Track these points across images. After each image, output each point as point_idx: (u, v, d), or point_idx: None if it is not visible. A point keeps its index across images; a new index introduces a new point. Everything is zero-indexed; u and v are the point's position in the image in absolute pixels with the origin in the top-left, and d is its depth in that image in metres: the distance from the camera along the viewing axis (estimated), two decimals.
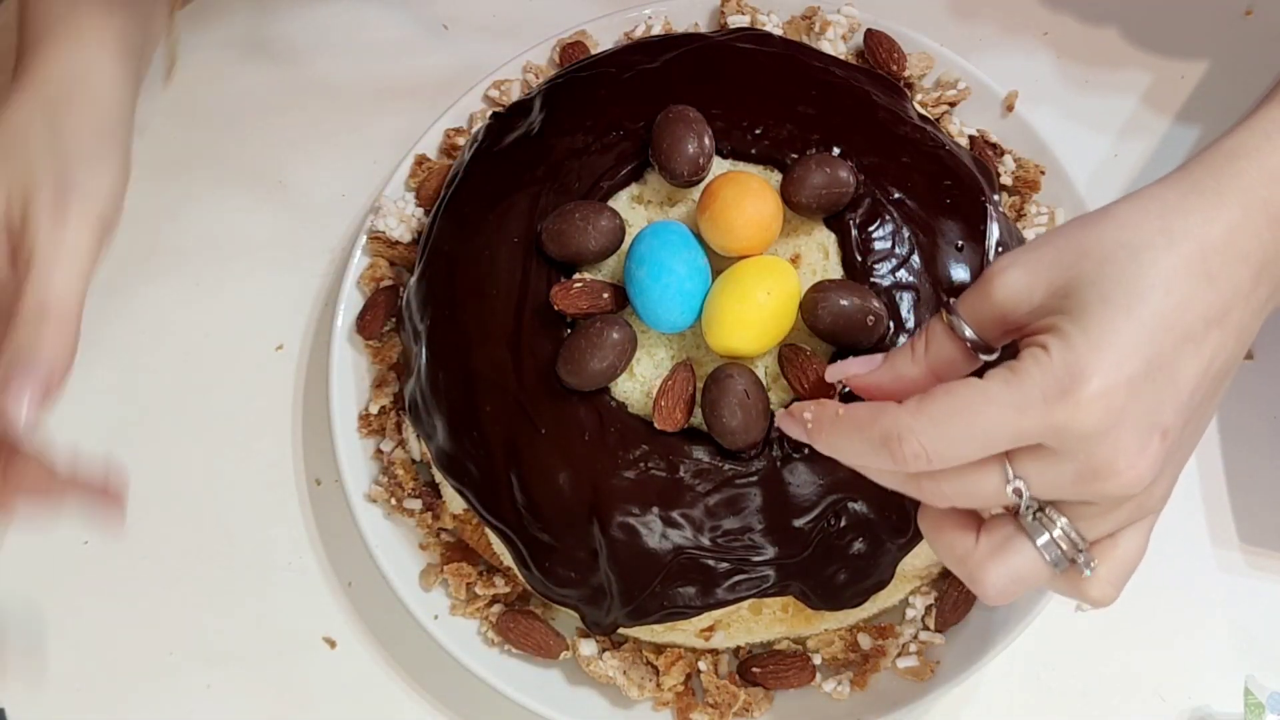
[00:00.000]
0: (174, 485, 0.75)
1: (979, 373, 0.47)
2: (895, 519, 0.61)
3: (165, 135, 0.81)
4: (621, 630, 0.64)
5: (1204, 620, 0.69)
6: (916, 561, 0.65)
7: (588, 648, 0.66)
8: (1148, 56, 0.79)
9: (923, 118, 0.69)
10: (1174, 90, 0.78)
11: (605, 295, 0.61)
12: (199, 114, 0.82)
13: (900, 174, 0.64)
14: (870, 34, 0.74)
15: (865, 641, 0.66)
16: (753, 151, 0.65)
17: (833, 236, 0.63)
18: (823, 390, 0.58)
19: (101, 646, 0.72)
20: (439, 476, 0.68)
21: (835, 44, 0.74)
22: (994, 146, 0.73)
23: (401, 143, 0.77)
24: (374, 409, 0.72)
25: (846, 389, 0.58)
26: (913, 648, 0.67)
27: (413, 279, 0.69)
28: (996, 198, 0.67)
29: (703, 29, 0.76)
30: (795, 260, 0.63)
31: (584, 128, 0.66)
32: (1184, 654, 0.68)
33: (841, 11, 0.75)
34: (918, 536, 0.62)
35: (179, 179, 0.80)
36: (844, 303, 0.59)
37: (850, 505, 0.60)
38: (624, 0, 0.78)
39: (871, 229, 0.62)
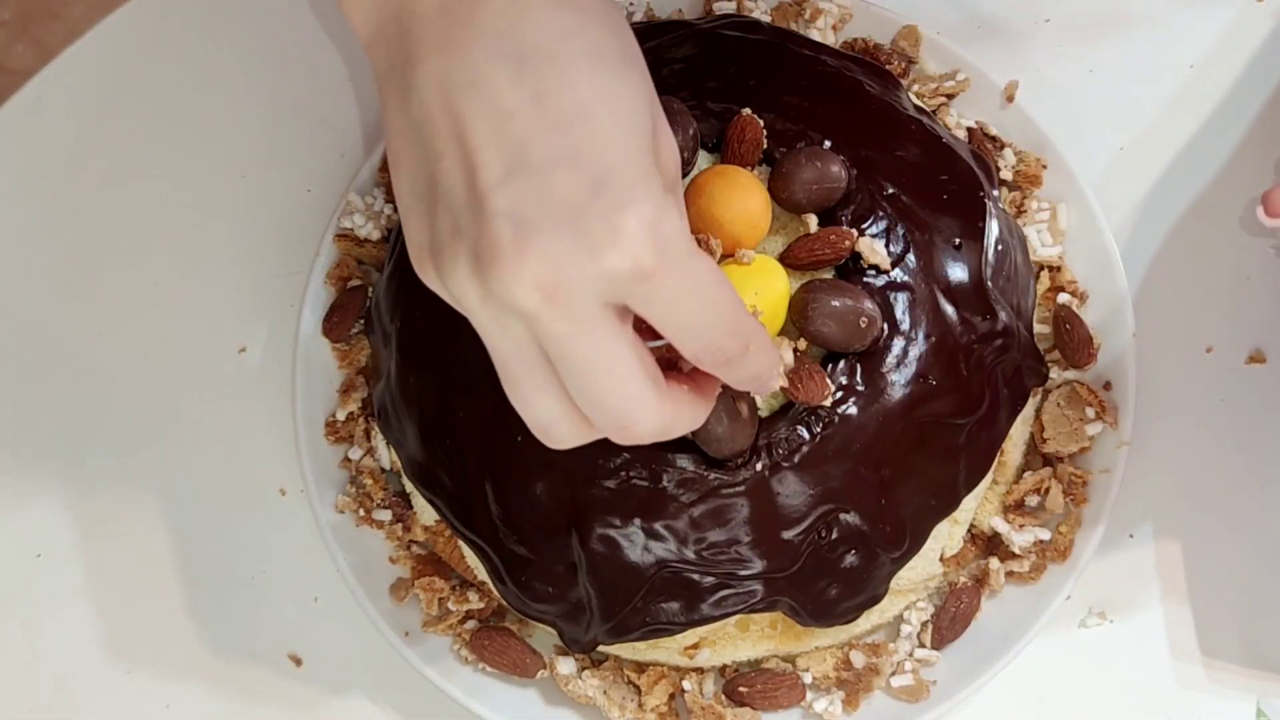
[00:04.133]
0: (131, 496, 0.74)
1: None
2: (890, 531, 0.61)
3: (120, 129, 0.79)
4: (602, 648, 0.65)
5: None
6: (912, 575, 0.66)
7: (566, 666, 0.67)
8: (1154, 45, 0.78)
9: (919, 109, 0.69)
10: (1182, 80, 0.78)
11: None
12: (156, 104, 0.80)
13: (895, 168, 0.64)
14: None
15: (858, 659, 0.67)
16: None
17: None
18: (818, 394, 0.58)
19: (55, 665, 0.71)
20: (410, 486, 0.68)
21: (825, 33, 0.74)
22: (993, 139, 0.73)
23: (371, 135, 0.76)
24: (341, 415, 0.72)
25: (840, 393, 0.60)
26: (908, 666, 0.67)
27: (382, 278, 0.69)
28: (996, 193, 0.67)
29: (686, 16, 0.76)
30: None
31: None
32: None
33: None
34: (913, 549, 0.63)
35: (135, 174, 0.79)
36: (835, 304, 0.59)
37: (842, 517, 0.60)
38: None
39: (865, 226, 0.62)
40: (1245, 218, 0.73)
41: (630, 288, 0.43)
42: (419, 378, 0.65)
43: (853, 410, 0.60)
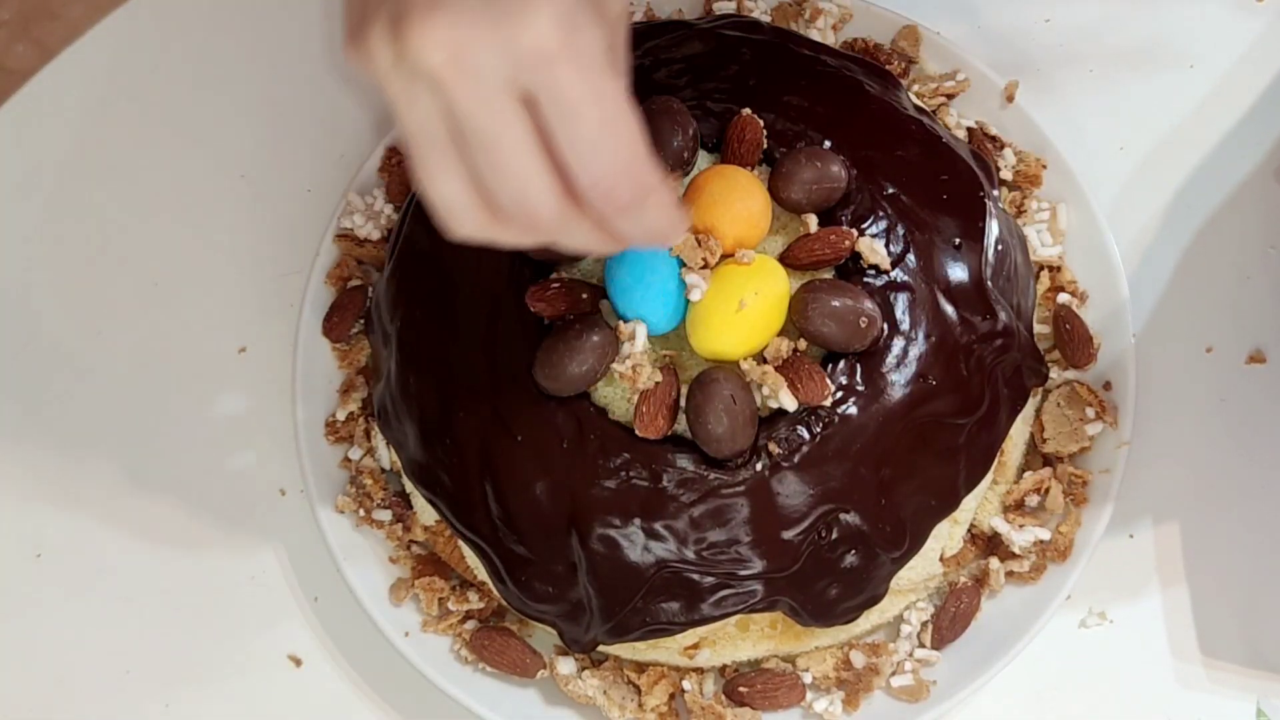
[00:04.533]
0: (130, 496, 0.74)
1: None
2: (890, 531, 0.62)
3: (120, 129, 0.79)
4: (602, 648, 0.65)
5: None
6: (912, 575, 0.67)
7: (566, 666, 0.68)
8: (1154, 45, 0.78)
9: (919, 109, 0.69)
10: (1182, 79, 0.78)
11: (584, 296, 0.62)
12: (156, 104, 0.81)
13: (895, 168, 0.65)
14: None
15: (858, 659, 0.67)
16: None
17: None
18: (818, 394, 0.59)
19: (54, 664, 0.72)
20: (410, 486, 0.69)
21: (825, 33, 0.75)
22: (993, 139, 0.74)
23: (371, 135, 0.77)
24: (341, 415, 0.72)
25: (840, 393, 0.60)
26: (908, 666, 0.67)
27: (382, 278, 0.69)
28: (996, 193, 0.68)
29: (686, 16, 0.77)
30: None
31: None
32: None
33: None
34: (913, 549, 0.63)
35: (134, 174, 0.79)
36: (835, 304, 0.60)
37: (842, 516, 0.61)
38: None
39: (865, 226, 0.63)
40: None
41: (533, 71, 0.44)
42: (419, 378, 0.66)
43: (853, 410, 0.60)
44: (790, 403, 0.59)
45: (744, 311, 0.59)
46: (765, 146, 0.64)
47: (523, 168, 0.46)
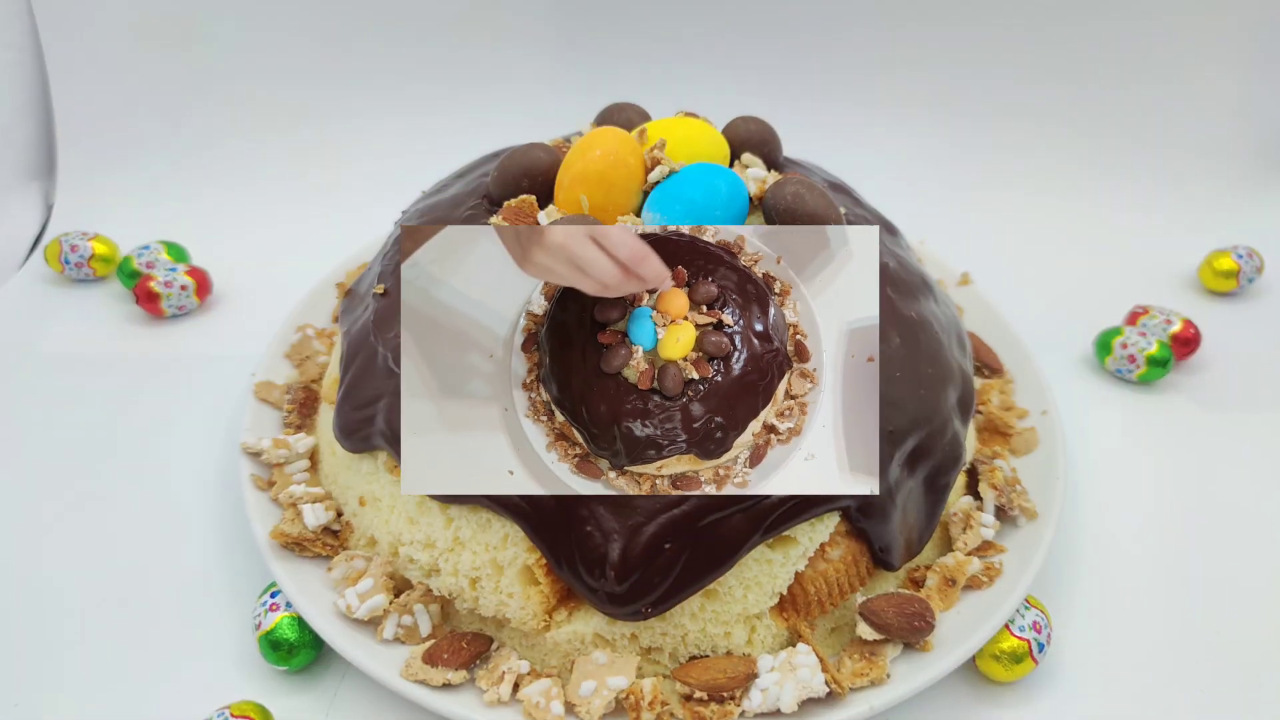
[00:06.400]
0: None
1: None
2: (726, 424, 0.99)
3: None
4: (616, 475, 0.99)
5: None
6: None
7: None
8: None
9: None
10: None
11: (620, 334, 1.02)
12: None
13: (734, 288, 1.04)
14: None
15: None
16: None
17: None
18: (705, 369, 1.02)
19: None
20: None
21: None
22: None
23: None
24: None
25: (714, 371, 0.99)
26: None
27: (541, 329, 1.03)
28: (776, 292, 1.02)
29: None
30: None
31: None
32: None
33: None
34: (737, 428, 0.97)
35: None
36: (713, 338, 1.02)
37: (715, 419, 0.99)
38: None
39: (724, 308, 1.02)
40: None
41: None
42: (558, 367, 1.00)
43: (718, 379, 0.99)
44: (694, 374, 0.96)
45: (680, 342, 0.98)
46: (686, 279, 1.00)
47: None
